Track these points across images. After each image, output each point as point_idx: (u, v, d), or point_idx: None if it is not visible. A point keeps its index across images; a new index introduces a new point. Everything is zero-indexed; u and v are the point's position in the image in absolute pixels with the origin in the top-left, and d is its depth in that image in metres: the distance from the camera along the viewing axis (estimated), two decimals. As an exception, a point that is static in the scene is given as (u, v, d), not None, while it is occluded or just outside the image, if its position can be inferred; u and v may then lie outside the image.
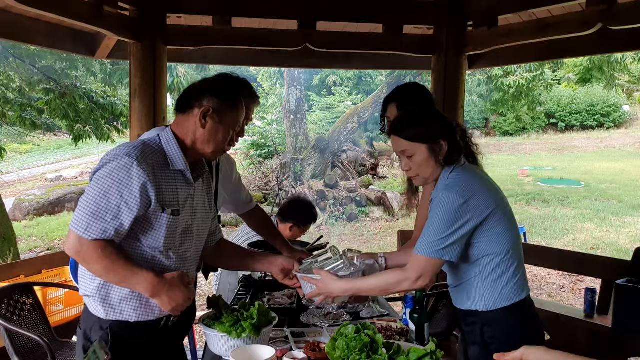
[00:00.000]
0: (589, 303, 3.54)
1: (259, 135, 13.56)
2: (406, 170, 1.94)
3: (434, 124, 1.91)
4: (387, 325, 2.11)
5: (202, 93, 1.77)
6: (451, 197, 1.79)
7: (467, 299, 1.92)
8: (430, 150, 1.87)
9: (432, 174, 1.90)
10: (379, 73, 14.93)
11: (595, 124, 18.84)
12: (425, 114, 1.97)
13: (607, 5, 3.11)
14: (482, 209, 1.80)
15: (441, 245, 1.77)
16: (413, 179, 1.96)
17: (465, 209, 1.78)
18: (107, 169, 1.64)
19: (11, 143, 18.21)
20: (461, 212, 1.77)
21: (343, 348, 1.65)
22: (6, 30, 3.50)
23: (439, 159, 1.88)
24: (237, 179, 2.64)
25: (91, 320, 1.76)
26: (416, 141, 1.87)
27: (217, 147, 1.80)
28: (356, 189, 11.04)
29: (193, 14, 3.80)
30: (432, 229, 1.79)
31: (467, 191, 1.80)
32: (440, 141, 1.87)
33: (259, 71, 16.69)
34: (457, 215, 1.77)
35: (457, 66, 3.87)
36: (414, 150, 1.88)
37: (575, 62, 17.71)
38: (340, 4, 3.80)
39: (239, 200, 2.66)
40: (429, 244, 1.78)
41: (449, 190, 1.81)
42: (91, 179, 1.69)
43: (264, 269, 2.23)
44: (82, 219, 1.62)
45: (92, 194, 1.63)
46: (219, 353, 1.87)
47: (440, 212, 1.79)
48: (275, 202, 10.68)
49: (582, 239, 8.52)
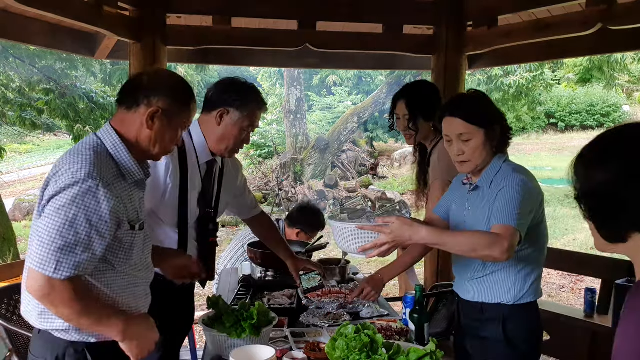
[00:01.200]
0: (589, 303, 3.54)
1: (258, 135, 13.56)
2: (458, 155, 1.90)
3: (490, 109, 1.92)
4: (387, 325, 2.11)
5: (152, 90, 1.62)
6: (524, 179, 1.82)
7: (492, 291, 1.91)
8: (486, 135, 1.86)
9: (484, 160, 1.89)
10: (379, 73, 14.93)
11: (595, 124, 18.82)
12: (482, 98, 1.95)
13: (607, 5, 3.11)
14: (540, 200, 1.86)
15: (521, 219, 1.75)
16: (462, 164, 1.91)
17: (534, 194, 1.83)
18: (68, 195, 1.43)
19: (11, 143, 18.20)
20: (532, 194, 1.82)
21: (343, 348, 1.65)
22: (6, 30, 3.50)
23: (493, 145, 1.88)
24: (242, 182, 2.54)
25: (58, 347, 1.55)
26: (476, 124, 1.85)
27: (163, 148, 1.68)
28: (356, 189, 11.04)
29: (193, 14, 3.80)
30: (512, 204, 1.75)
31: (532, 179, 1.86)
32: (495, 127, 1.88)
33: (259, 71, 16.69)
34: (530, 196, 1.80)
35: (457, 66, 3.87)
36: (472, 134, 1.85)
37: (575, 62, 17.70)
38: (340, 4, 3.80)
39: (243, 205, 2.58)
40: (515, 215, 1.74)
41: (520, 173, 1.85)
42: (44, 206, 1.47)
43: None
44: (47, 256, 1.41)
45: (55, 226, 1.42)
46: (218, 353, 1.87)
47: (515, 190, 1.78)
48: (275, 202, 10.68)
49: (582, 239, 8.51)
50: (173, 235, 2.18)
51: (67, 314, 1.46)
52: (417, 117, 2.54)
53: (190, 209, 2.17)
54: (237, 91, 2.12)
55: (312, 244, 3.00)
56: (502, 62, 4.25)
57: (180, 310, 2.35)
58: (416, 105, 2.54)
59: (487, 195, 1.87)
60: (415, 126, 2.55)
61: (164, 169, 2.06)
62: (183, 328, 2.48)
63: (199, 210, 2.22)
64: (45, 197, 1.47)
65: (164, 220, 2.15)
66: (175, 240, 2.18)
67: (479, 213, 1.90)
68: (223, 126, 2.12)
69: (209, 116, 2.15)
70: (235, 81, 2.18)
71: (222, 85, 2.17)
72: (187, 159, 2.14)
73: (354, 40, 4.01)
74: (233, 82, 2.17)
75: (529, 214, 1.81)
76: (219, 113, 2.11)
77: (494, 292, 1.91)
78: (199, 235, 2.25)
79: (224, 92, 2.13)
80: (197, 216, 2.22)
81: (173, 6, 3.66)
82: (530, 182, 1.83)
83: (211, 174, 2.26)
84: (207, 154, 2.19)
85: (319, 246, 2.99)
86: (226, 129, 2.12)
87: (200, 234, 2.25)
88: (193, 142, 2.17)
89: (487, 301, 1.92)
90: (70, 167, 1.47)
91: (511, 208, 1.76)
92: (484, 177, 1.91)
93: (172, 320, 2.29)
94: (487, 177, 1.90)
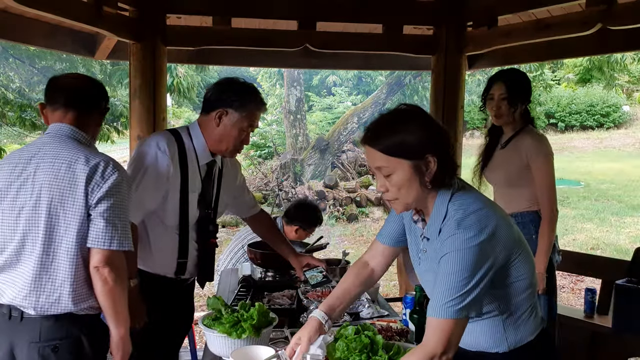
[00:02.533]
0: (589, 303, 3.54)
1: (258, 135, 13.56)
2: (383, 192, 1.52)
3: (421, 133, 1.44)
4: (387, 326, 2.11)
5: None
6: (468, 235, 1.38)
7: (482, 339, 1.57)
8: (414, 169, 1.44)
9: (415, 198, 1.48)
10: (379, 73, 14.94)
11: (595, 124, 18.82)
12: (408, 119, 1.47)
13: (607, 5, 3.10)
14: (509, 241, 1.44)
15: (463, 301, 1.38)
16: (391, 202, 1.53)
17: (490, 247, 1.40)
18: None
19: (11, 144, 18.15)
20: (484, 252, 1.39)
21: (343, 349, 1.65)
22: (6, 30, 3.50)
23: (425, 180, 1.45)
24: (241, 182, 2.56)
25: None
26: (396, 156, 1.43)
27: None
28: (356, 189, 11.03)
29: (193, 14, 3.80)
30: (447, 283, 1.39)
31: (487, 222, 1.41)
32: (427, 157, 1.43)
33: (258, 71, 16.69)
34: (480, 259, 1.38)
35: (457, 66, 3.87)
36: (393, 168, 1.45)
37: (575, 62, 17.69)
38: (340, 4, 3.80)
39: (243, 204, 2.59)
40: (448, 302, 1.38)
41: (465, 226, 1.40)
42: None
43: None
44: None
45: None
46: (218, 354, 1.87)
47: (456, 259, 1.38)
48: (275, 203, 10.68)
49: (582, 239, 8.52)
50: (174, 237, 2.20)
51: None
52: (515, 97, 2.72)
53: (190, 211, 2.18)
54: (235, 92, 2.12)
55: (312, 245, 3.00)
56: (502, 62, 4.24)
57: (179, 310, 2.36)
58: (516, 87, 2.72)
59: (436, 249, 1.49)
60: (515, 105, 2.72)
61: (165, 171, 2.07)
62: (182, 328, 2.48)
63: (198, 211, 2.22)
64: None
65: (165, 222, 2.17)
66: (176, 241, 2.20)
67: (433, 264, 1.51)
68: (222, 127, 2.12)
69: (208, 117, 2.15)
70: (234, 81, 2.18)
71: (221, 85, 2.18)
72: (187, 160, 2.14)
73: (354, 40, 4.01)
74: (232, 83, 2.17)
75: (477, 285, 1.38)
76: (217, 114, 2.12)
77: (483, 341, 1.57)
78: (199, 237, 2.26)
79: (223, 92, 2.13)
80: (197, 218, 2.23)
81: (173, 6, 3.66)
82: (481, 234, 1.38)
83: (211, 175, 2.26)
84: (207, 155, 2.20)
85: (319, 246, 2.99)
86: (225, 129, 2.12)
87: (200, 236, 2.26)
88: (193, 144, 2.17)
89: (475, 350, 1.59)
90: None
91: (447, 290, 1.38)
92: (431, 226, 1.53)
93: (171, 320, 2.29)
94: (433, 226, 1.51)
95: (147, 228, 2.17)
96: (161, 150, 2.08)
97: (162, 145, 2.10)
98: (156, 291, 2.20)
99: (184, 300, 2.42)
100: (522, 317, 1.54)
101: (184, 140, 2.16)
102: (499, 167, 2.86)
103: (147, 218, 2.14)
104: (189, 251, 2.24)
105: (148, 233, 2.18)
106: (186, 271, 2.27)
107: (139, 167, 2.08)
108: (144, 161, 2.08)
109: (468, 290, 1.38)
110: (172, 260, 2.22)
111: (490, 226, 1.41)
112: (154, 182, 2.06)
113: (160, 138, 2.14)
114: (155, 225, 2.16)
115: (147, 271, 2.20)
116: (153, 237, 2.19)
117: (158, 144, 2.10)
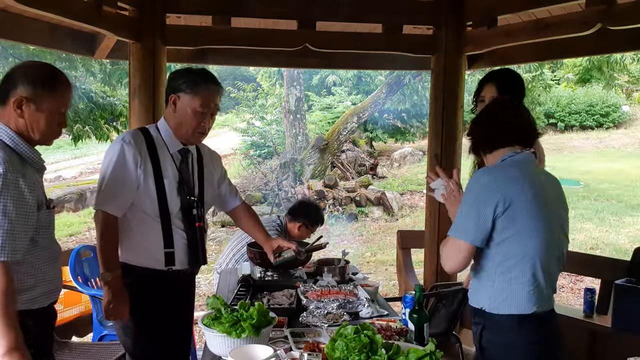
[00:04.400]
0: (588, 303, 3.54)
1: (258, 135, 13.55)
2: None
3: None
4: (387, 325, 2.11)
5: (12, 83, 1.77)
6: (478, 175, 1.80)
7: (476, 294, 1.89)
8: None
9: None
10: (379, 73, 14.91)
11: (595, 124, 18.82)
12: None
13: (606, 5, 3.10)
14: (509, 195, 1.74)
15: (466, 223, 1.77)
16: None
17: (491, 189, 1.76)
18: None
19: (10, 143, 18.15)
20: (487, 193, 1.76)
21: (342, 349, 1.65)
22: (6, 30, 3.49)
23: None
24: (223, 173, 2.59)
25: None
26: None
27: (42, 133, 1.81)
28: (355, 189, 11.03)
29: (192, 14, 3.80)
30: (459, 209, 1.81)
31: (499, 172, 1.80)
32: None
33: (258, 71, 16.68)
34: (482, 195, 1.76)
35: (457, 66, 3.87)
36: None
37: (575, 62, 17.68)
38: (339, 4, 3.80)
39: (225, 195, 2.60)
40: (456, 222, 1.80)
41: (481, 171, 1.84)
42: None
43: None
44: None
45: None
46: (218, 353, 1.87)
47: (466, 192, 1.81)
48: (274, 202, 10.68)
49: (581, 239, 8.51)
50: (156, 226, 2.23)
51: None
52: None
53: (170, 199, 2.23)
54: (183, 76, 2.24)
55: (312, 244, 3.00)
56: (501, 62, 4.24)
57: (177, 304, 2.35)
58: (508, 88, 2.53)
59: None
60: None
61: (132, 161, 2.16)
62: (184, 323, 2.45)
63: (179, 199, 2.25)
64: None
65: (146, 212, 2.22)
66: (159, 230, 2.23)
67: None
68: (178, 112, 2.23)
69: (167, 107, 2.28)
70: (184, 69, 2.31)
71: (172, 74, 2.31)
72: (156, 148, 2.23)
73: (354, 40, 4.01)
74: (181, 70, 2.31)
75: (478, 217, 1.76)
76: (171, 100, 2.24)
77: (477, 296, 1.88)
78: (185, 224, 2.28)
79: (173, 80, 2.26)
80: (179, 206, 2.26)
81: (173, 6, 3.66)
82: (488, 176, 1.81)
83: (187, 163, 2.32)
84: (177, 143, 2.29)
85: (319, 246, 2.99)
86: (180, 113, 2.23)
87: (186, 222, 2.28)
88: (161, 134, 2.28)
89: (473, 305, 1.90)
90: None
91: (457, 214, 1.81)
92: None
93: (170, 316, 2.29)
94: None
95: (130, 220, 2.22)
96: (126, 142, 2.18)
97: (127, 138, 2.20)
98: (150, 285, 2.24)
99: (181, 294, 2.39)
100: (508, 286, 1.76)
101: (152, 132, 2.27)
102: None
103: (129, 210, 2.21)
104: (176, 240, 2.25)
105: (131, 225, 2.23)
106: (176, 261, 2.27)
107: (108, 162, 2.18)
108: (111, 155, 2.18)
109: (466, 215, 1.78)
110: (159, 251, 2.23)
111: (498, 175, 1.79)
112: (122, 172, 2.15)
113: (126, 133, 2.26)
114: (136, 215, 2.22)
115: (137, 266, 2.25)
116: (136, 228, 2.23)
117: (123, 138, 2.21)
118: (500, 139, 1.87)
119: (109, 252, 2.16)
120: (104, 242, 2.15)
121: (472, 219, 1.76)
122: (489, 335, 1.83)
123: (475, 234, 1.76)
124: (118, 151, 2.16)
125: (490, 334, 1.82)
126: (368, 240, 9.08)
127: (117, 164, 2.15)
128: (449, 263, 1.84)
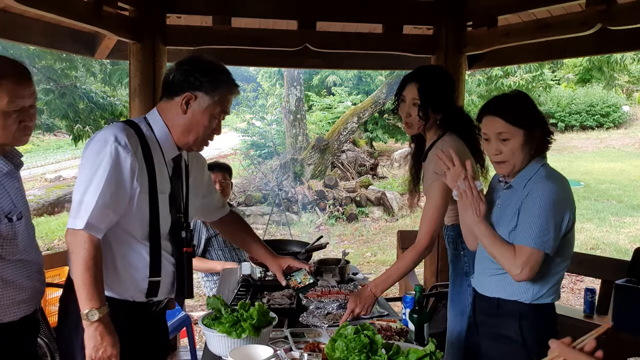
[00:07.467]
0: (589, 303, 3.54)
1: (258, 135, 13.55)
2: (495, 155, 1.88)
3: (532, 110, 1.89)
4: (387, 326, 2.11)
5: None
6: (554, 188, 1.80)
7: (511, 287, 1.89)
8: (526, 137, 1.84)
9: (522, 162, 1.87)
10: (379, 73, 14.91)
11: (595, 124, 18.81)
12: (524, 99, 1.92)
13: (606, 5, 3.11)
14: (571, 210, 1.84)
15: (546, 236, 1.78)
16: (500, 165, 1.90)
17: (565, 203, 1.82)
18: None
19: (11, 143, 18.16)
20: (563, 204, 1.81)
21: (342, 349, 1.65)
22: (6, 30, 3.50)
23: (532, 147, 1.86)
24: (208, 180, 2.20)
25: None
26: (516, 125, 1.82)
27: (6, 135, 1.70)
28: (356, 189, 11.03)
29: (193, 14, 3.80)
30: (536, 221, 1.78)
31: (566, 186, 1.85)
32: (536, 129, 1.86)
33: (258, 71, 16.67)
34: (559, 207, 1.79)
35: (457, 66, 3.87)
36: (512, 134, 1.83)
37: (575, 62, 17.69)
38: (340, 4, 3.80)
39: (211, 205, 2.23)
40: (537, 234, 1.77)
41: (553, 180, 1.83)
42: None
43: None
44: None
45: None
46: (218, 353, 1.87)
47: (543, 202, 1.78)
48: (275, 203, 10.68)
49: (581, 239, 8.51)
50: (143, 250, 1.82)
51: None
52: (427, 105, 2.26)
53: (162, 216, 1.83)
54: (205, 72, 1.79)
55: (311, 244, 3.00)
56: (501, 62, 4.26)
57: (152, 342, 2.03)
58: (430, 92, 2.26)
59: (519, 195, 1.88)
60: (426, 115, 2.27)
61: (129, 172, 1.71)
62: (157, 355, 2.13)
63: (170, 217, 1.87)
64: None
65: (132, 233, 1.80)
66: (146, 256, 1.83)
67: (508, 212, 1.91)
68: (190, 114, 1.80)
69: (172, 103, 1.82)
70: (202, 60, 1.85)
71: (187, 65, 1.82)
72: (152, 156, 1.80)
73: (354, 40, 4.02)
74: (199, 62, 1.84)
75: (556, 228, 1.80)
76: (184, 99, 1.79)
77: (512, 289, 1.90)
78: (173, 246, 1.91)
79: (189, 73, 1.79)
80: (169, 226, 1.87)
81: (173, 6, 3.66)
82: (562, 191, 1.82)
83: (179, 172, 1.92)
84: (174, 149, 1.86)
85: (319, 246, 2.99)
86: (194, 117, 1.80)
87: (174, 245, 1.91)
88: (155, 136, 1.83)
89: (504, 297, 1.91)
90: None
91: (535, 226, 1.78)
92: (519, 178, 1.90)
93: (145, 349, 1.96)
94: (522, 178, 1.90)
95: (112, 243, 1.78)
96: (121, 144, 1.70)
97: (121, 138, 1.71)
98: (124, 322, 1.78)
99: (155, 329, 2.04)
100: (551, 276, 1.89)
101: (144, 131, 1.81)
102: (424, 181, 2.42)
103: (110, 231, 1.75)
104: (163, 267, 1.86)
105: (113, 249, 1.78)
106: (159, 292, 1.88)
107: (96, 168, 1.69)
108: (101, 160, 1.69)
109: (546, 228, 1.79)
110: (143, 280, 1.83)
111: (567, 189, 1.85)
112: (115, 185, 1.69)
113: (118, 130, 1.74)
114: (119, 238, 1.79)
115: (114, 297, 1.79)
116: (119, 253, 1.80)
117: (117, 137, 1.71)
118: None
119: (98, 284, 1.66)
120: (89, 274, 1.64)
121: (553, 230, 1.79)
122: (529, 324, 1.89)
123: (555, 243, 1.82)
124: (111, 156, 1.68)
125: (530, 323, 1.89)
126: (368, 240, 9.08)
127: (111, 173, 1.68)
128: (526, 274, 1.81)
